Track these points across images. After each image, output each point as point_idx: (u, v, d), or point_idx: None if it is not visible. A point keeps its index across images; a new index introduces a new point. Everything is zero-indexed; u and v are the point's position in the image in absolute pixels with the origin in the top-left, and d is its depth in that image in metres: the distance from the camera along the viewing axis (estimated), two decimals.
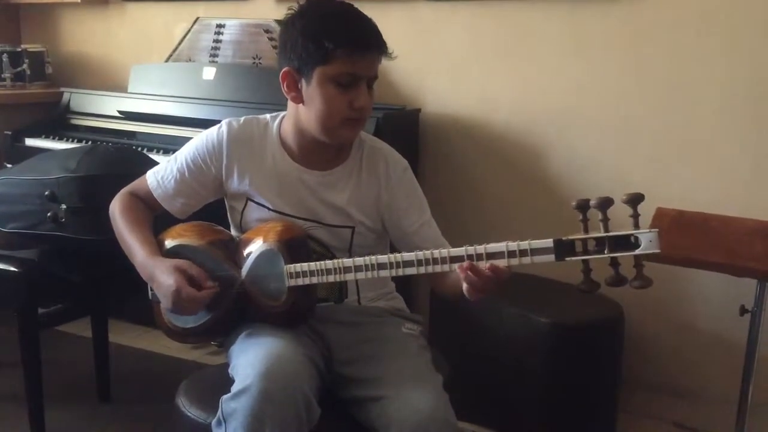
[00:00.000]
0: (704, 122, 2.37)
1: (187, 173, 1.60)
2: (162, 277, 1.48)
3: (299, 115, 1.53)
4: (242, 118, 1.62)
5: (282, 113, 1.61)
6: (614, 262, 1.22)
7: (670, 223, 2.00)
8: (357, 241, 1.58)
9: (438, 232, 1.61)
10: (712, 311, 2.41)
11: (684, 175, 2.41)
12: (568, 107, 2.56)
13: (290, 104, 1.55)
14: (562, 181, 2.60)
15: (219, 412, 1.37)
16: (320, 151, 1.55)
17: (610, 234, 1.20)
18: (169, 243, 1.59)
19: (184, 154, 1.61)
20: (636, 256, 1.20)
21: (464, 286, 1.32)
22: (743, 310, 1.94)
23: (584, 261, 1.24)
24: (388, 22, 2.04)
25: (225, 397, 1.37)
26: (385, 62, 1.50)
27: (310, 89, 1.47)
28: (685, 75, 2.37)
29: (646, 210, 1.22)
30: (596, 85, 2.50)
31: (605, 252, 1.21)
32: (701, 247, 1.91)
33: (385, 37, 1.48)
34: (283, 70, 1.50)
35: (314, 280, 1.43)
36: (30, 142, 2.99)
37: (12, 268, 2.10)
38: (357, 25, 1.46)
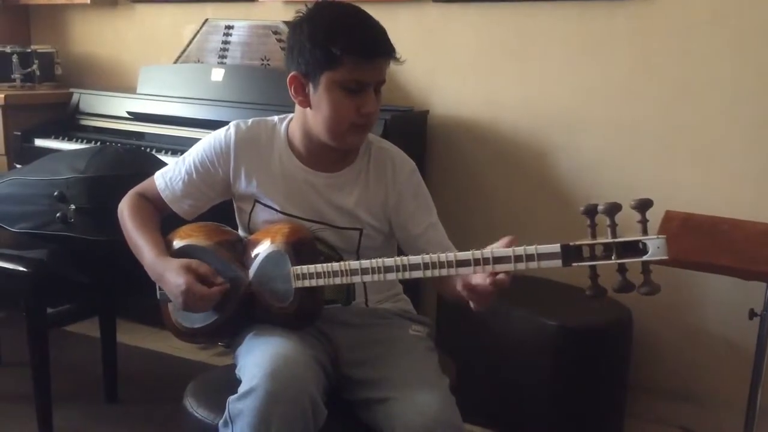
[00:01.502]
0: (713, 125, 2.36)
1: (195, 175, 1.60)
2: (171, 277, 1.49)
3: (307, 118, 1.53)
4: (250, 120, 1.62)
5: (290, 115, 1.61)
6: (622, 268, 1.21)
7: (679, 226, 1.99)
8: (365, 243, 1.58)
9: (444, 235, 1.61)
10: (720, 315, 2.40)
11: (692, 177, 2.40)
12: (575, 109, 2.55)
13: (298, 107, 1.55)
14: (569, 184, 2.59)
15: (226, 413, 1.37)
16: (328, 154, 1.55)
17: (618, 240, 1.20)
18: (177, 243, 1.60)
19: (192, 155, 1.62)
20: (644, 262, 1.19)
21: (470, 303, 1.33)
22: (752, 314, 1.93)
23: (591, 267, 1.23)
24: (396, 24, 2.04)
25: (232, 397, 1.37)
26: (393, 64, 1.50)
27: (318, 94, 1.47)
28: (694, 77, 2.36)
29: (655, 213, 1.21)
30: (604, 87, 2.50)
31: (612, 258, 1.20)
32: (710, 251, 1.90)
33: (393, 38, 1.47)
34: (291, 74, 1.49)
35: (321, 282, 1.43)
36: (39, 142, 3.01)
37: (21, 268, 2.12)
38: (365, 31, 1.45)
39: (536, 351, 2.21)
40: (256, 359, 1.40)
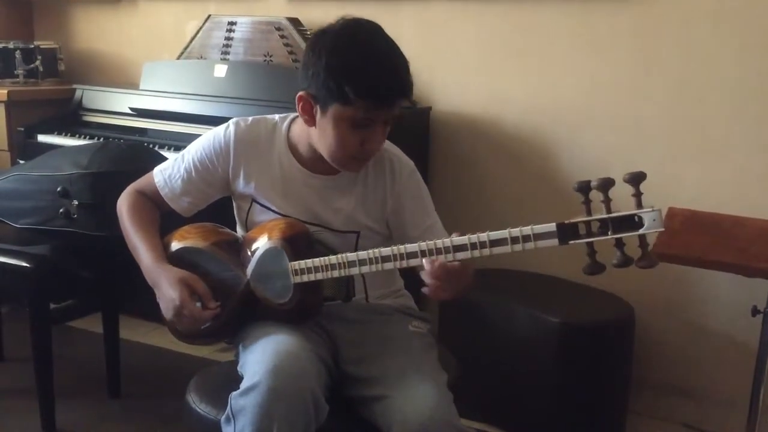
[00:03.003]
0: (716, 121, 2.35)
1: (194, 173, 1.60)
2: (166, 287, 1.49)
3: (310, 132, 1.51)
4: (250, 118, 1.60)
5: (293, 114, 1.59)
6: (619, 243, 1.20)
7: (682, 223, 1.98)
8: (362, 245, 1.56)
9: (444, 235, 1.59)
10: (723, 312, 2.39)
11: (696, 174, 2.39)
12: (578, 106, 2.55)
13: None
14: (572, 180, 2.56)
15: (228, 409, 1.37)
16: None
17: (613, 215, 1.20)
18: (174, 245, 1.59)
19: (192, 153, 1.61)
20: (641, 236, 1.18)
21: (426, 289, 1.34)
22: (755, 311, 1.93)
23: (588, 243, 1.22)
24: (399, 21, 2.04)
25: (234, 393, 1.37)
26: (404, 103, 1.46)
27: (324, 120, 1.44)
28: (697, 73, 2.35)
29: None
30: (607, 83, 2.49)
31: (609, 233, 1.20)
32: (713, 248, 1.90)
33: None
34: (300, 93, 1.45)
35: (319, 276, 1.43)
36: (42, 138, 3.01)
37: (24, 264, 2.12)
38: (382, 75, 1.39)
39: (538, 347, 2.21)
40: (258, 355, 1.40)
